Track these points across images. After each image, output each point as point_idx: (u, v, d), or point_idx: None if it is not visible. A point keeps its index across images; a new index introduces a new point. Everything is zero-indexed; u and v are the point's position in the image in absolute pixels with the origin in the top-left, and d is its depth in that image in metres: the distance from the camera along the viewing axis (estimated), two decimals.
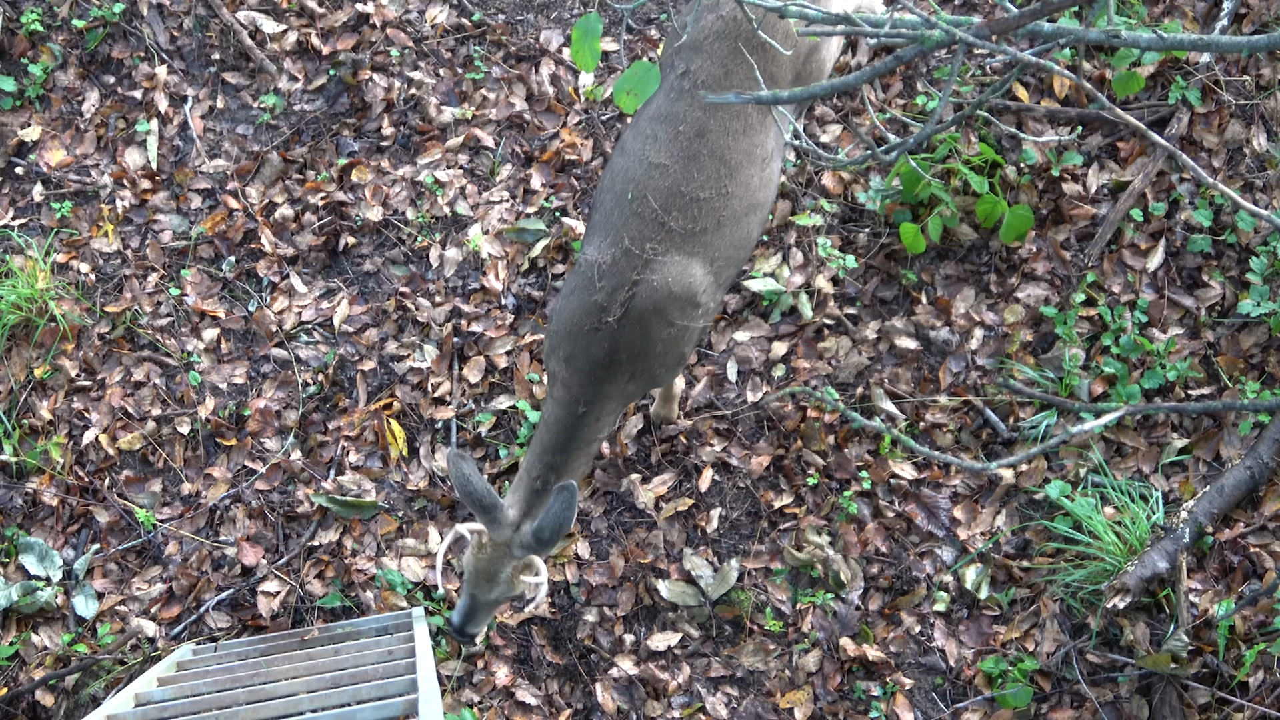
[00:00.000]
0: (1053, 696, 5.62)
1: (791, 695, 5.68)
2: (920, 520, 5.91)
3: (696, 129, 4.71)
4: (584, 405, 4.77)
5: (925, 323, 6.20)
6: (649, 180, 4.71)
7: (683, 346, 4.91)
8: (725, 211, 4.73)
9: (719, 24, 4.82)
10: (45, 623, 6.03)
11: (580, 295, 4.73)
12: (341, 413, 6.33)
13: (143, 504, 6.21)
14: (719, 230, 4.74)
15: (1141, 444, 5.87)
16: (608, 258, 4.69)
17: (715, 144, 4.71)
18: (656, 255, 4.65)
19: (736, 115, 4.75)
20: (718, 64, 4.77)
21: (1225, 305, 6.04)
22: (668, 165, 4.70)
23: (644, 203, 4.68)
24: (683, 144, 4.71)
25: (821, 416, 6.05)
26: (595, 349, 4.70)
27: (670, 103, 4.80)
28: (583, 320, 4.71)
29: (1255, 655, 5.32)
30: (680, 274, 4.67)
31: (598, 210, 4.89)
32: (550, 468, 4.81)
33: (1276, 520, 5.65)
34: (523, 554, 4.73)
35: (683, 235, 4.67)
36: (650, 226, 4.66)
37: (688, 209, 4.67)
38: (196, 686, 4.87)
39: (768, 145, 4.85)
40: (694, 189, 4.67)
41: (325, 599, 5.94)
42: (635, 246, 4.65)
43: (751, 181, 4.80)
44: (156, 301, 6.56)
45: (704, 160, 4.69)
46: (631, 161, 4.80)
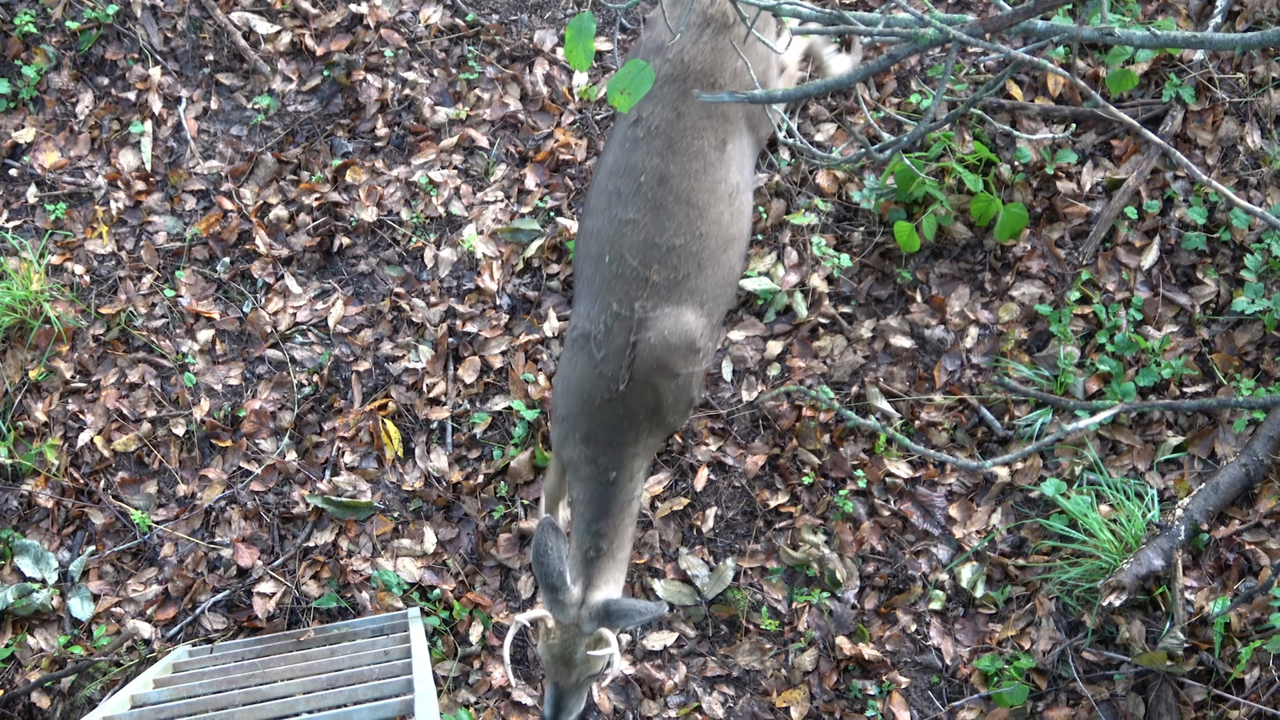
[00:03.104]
0: (1049, 694, 5.63)
1: (788, 694, 5.68)
2: (916, 519, 5.91)
3: (657, 177, 4.67)
4: (614, 470, 4.73)
5: (920, 321, 6.20)
6: (622, 238, 4.68)
7: (692, 391, 4.89)
8: (703, 253, 4.71)
9: (667, 68, 4.79)
10: (41, 625, 6.03)
11: (584, 371, 4.70)
12: (337, 413, 6.33)
13: (138, 506, 6.21)
14: (701, 273, 4.71)
15: (1137, 442, 5.88)
16: (600, 326, 4.66)
17: (679, 188, 4.68)
18: (648, 312, 4.62)
19: (694, 156, 4.71)
20: (669, 108, 4.74)
21: (1220, 303, 6.05)
22: (637, 219, 4.66)
23: (622, 262, 4.65)
24: (647, 194, 4.67)
25: (817, 415, 6.05)
26: (612, 417, 4.68)
27: (627, 154, 4.77)
28: (593, 395, 4.68)
29: (1251, 652, 5.33)
30: (675, 325, 4.65)
31: (579, 278, 4.87)
32: (599, 535, 4.74)
33: (1272, 517, 5.65)
34: (593, 628, 4.59)
35: (667, 286, 4.64)
36: (634, 285, 4.63)
37: (666, 259, 4.64)
38: (193, 688, 4.87)
39: (731, 179, 4.81)
40: (668, 238, 4.64)
41: (321, 600, 5.93)
42: (624, 308, 4.62)
43: (723, 218, 4.76)
44: (151, 303, 6.56)
45: (671, 207, 4.66)
46: (600, 221, 4.77)
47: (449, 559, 6.01)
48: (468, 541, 6.04)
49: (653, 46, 4.89)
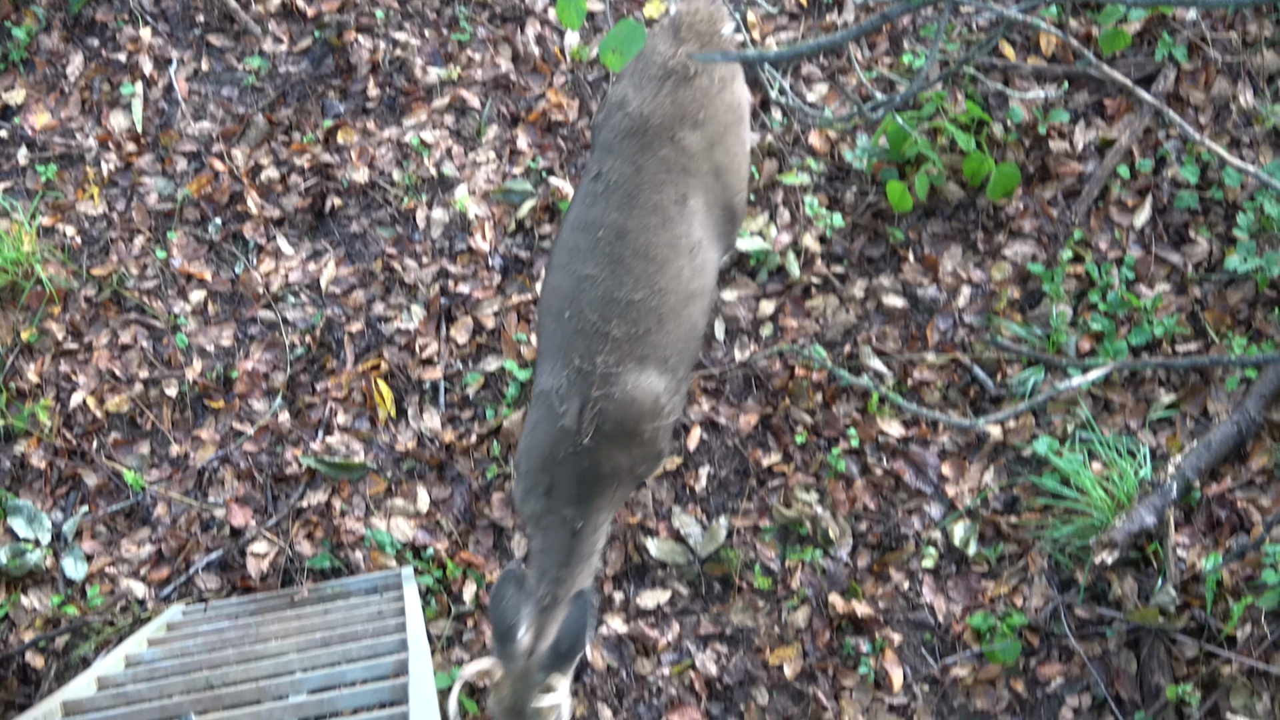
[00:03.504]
0: (1041, 651, 5.64)
1: (781, 651, 5.69)
2: (908, 477, 5.92)
3: (616, 232, 4.65)
4: (580, 522, 4.65)
5: (912, 280, 6.20)
6: (581, 293, 4.64)
7: (659, 444, 4.84)
8: (663, 308, 4.66)
9: (627, 122, 4.76)
10: (34, 585, 6.03)
11: (547, 426, 4.65)
12: (329, 374, 6.33)
13: (131, 466, 6.21)
14: (662, 328, 4.67)
15: (1129, 400, 5.88)
16: (563, 381, 4.62)
17: (637, 243, 4.64)
18: (610, 368, 4.57)
19: (653, 211, 4.68)
20: (628, 162, 4.71)
21: (1212, 261, 6.06)
22: (596, 274, 4.63)
23: (582, 318, 4.61)
24: (605, 250, 4.64)
25: (809, 375, 6.06)
26: (576, 471, 4.60)
27: (586, 209, 4.74)
28: (556, 449, 4.61)
29: (1243, 609, 5.34)
30: (637, 383, 4.61)
31: (542, 335, 4.83)
32: (557, 583, 4.62)
33: (1264, 475, 5.66)
34: (543, 676, 4.42)
35: (628, 341, 4.60)
36: (595, 340, 4.59)
37: (626, 314, 4.60)
38: (187, 647, 4.88)
39: (693, 235, 4.78)
40: (626, 293, 4.61)
41: (314, 559, 5.94)
42: (586, 363, 4.58)
43: (682, 273, 4.72)
44: (143, 264, 6.55)
45: (629, 262, 4.63)
46: (561, 277, 4.74)
47: (442, 518, 6.01)
48: (461, 501, 6.05)
49: (614, 101, 4.87)
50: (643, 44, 2.92)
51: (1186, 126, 3.37)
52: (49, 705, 3.84)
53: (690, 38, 4.88)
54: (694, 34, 4.89)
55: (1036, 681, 5.61)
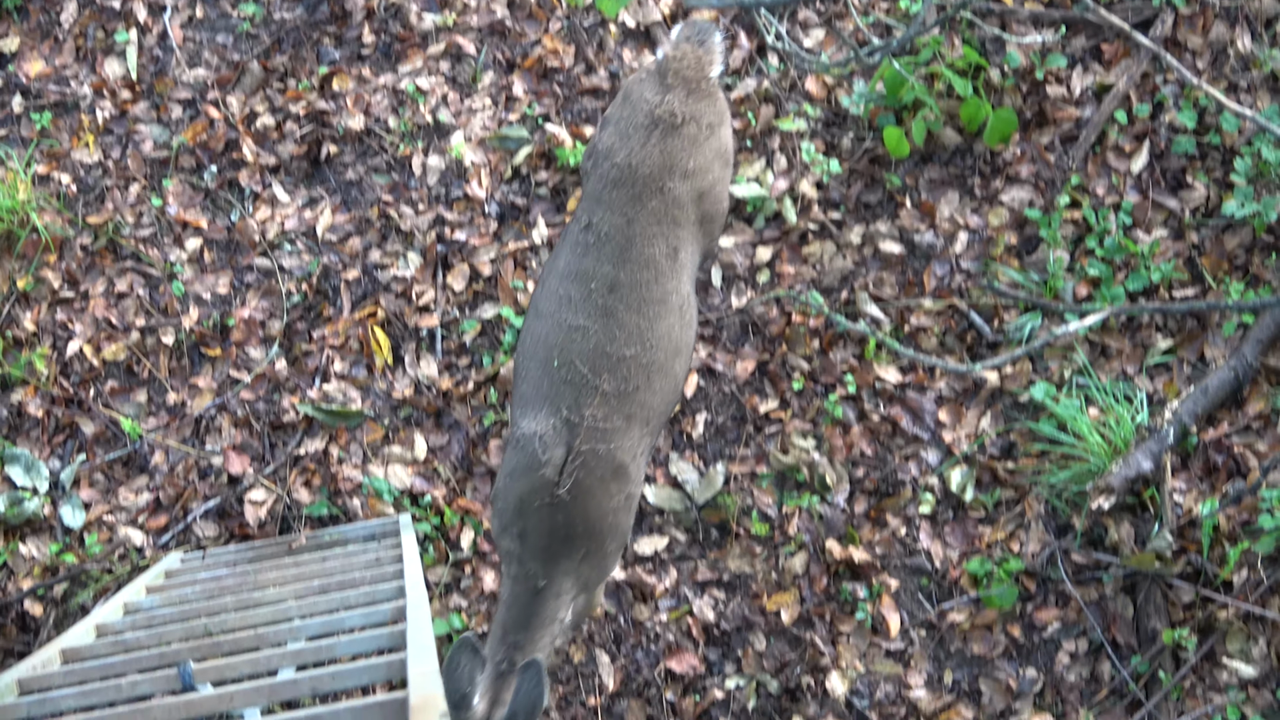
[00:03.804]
0: (1038, 596, 5.65)
1: (778, 597, 5.70)
2: (905, 423, 5.92)
3: (608, 284, 4.59)
4: (543, 579, 4.52)
5: (909, 226, 6.20)
6: (572, 344, 4.57)
7: (627, 518, 4.73)
8: (652, 365, 4.62)
9: (615, 172, 4.69)
10: (33, 533, 6.03)
11: (527, 473, 4.52)
12: (326, 322, 6.32)
13: (128, 414, 6.20)
14: (649, 385, 4.62)
15: (1126, 345, 5.89)
16: (548, 429, 4.52)
17: (629, 297, 4.59)
18: (598, 423, 4.51)
19: (646, 265, 4.63)
20: (619, 214, 4.65)
21: (1209, 206, 6.05)
22: (587, 326, 4.56)
23: (572, 369, 4.54)
24: (597, 301, 4.58)
25: (806, 321, 6.05)
26: (549, 523, 4.49)
27: (578, 259, 4.67)
28: (532, 497, 4.49)
29: (1239, 553, 5.35)
30: (622, 440, 4.55)
31: (525, 379, 4.72)
32: (515, 647, 4.47)
33: (1260, 420, 5.67)
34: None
35: (618, 396, 4.54)
36: (585, 392, 4.52)
37: (616, 369, 4.54)
38: (185, 595, 4.89)
39: (682, 290, 4.73)
40: (618, 348, 4.55)
41: (312, 507, 5.94)
42: (574, 415, 4.51)
43: (673, 330, 4.68)
44: (138, 212, 6.54)
45: (622, 315, 4.57)
46: (549, 326, 4.66)
47: (439, 465, 6.02)
48: (458, 448, 6.05)
49: (602, 150, 4.81)
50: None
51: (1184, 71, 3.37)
52: (48, 653, 3.85)
53: (677, 84, 4.81)
54: (680, 80, 4.82)
55: (1033, 626, 5.63)
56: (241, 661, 3.66)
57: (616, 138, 4.76)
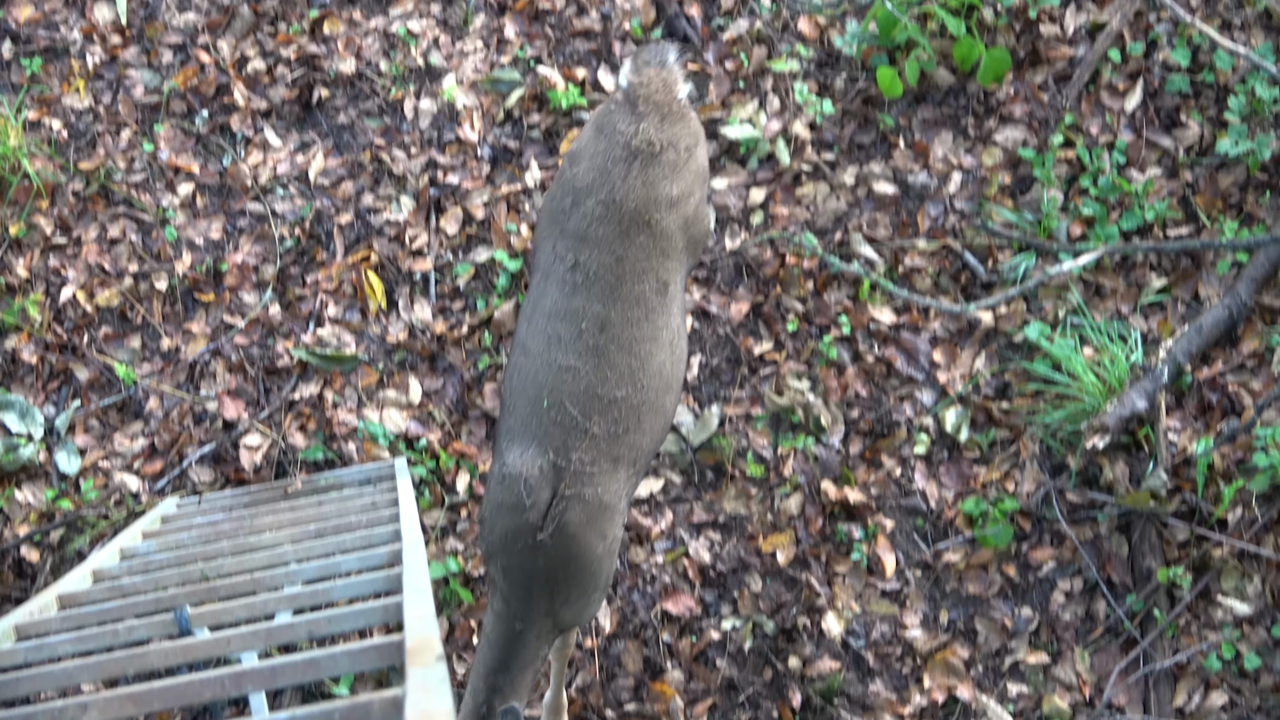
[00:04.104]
0: (1033, 536, 5.67)
1: (774, 538, 5.72)
2: (900, 364, 5.92)
3: (599, 324, 4.48)
4: (521, 622, 4.49)
5: (903, 167, 6.19)
6: (562, 385, 4.48)
7: (611, 562, 4.67)
8: (643, 406, 4.54)
9: (600, 209, 4.58)
10: (28, 479, 6.04)
11: (511, 513, 4.43)
12: (319, 266, 6.31)
13: (122, 360, 6.20)
14: (639, 426, 4.55)
15: (1120, 284, 5.88)
16: (535, 471, 4.42)
17: (621, 336, 4.50)
18: (585, 466, 4.42)
19: (636, 302, 4.53)
20: (607, 251, 4.53)
21: (1203, 145, 6.04)
22: (578, 367, 4.47)
23: (562, 410, 4.45)
24: (588, 342, 4.48)
25: (800, 262, 6.05)
26: (531, 564, 4.44)
27: (566, 298, 4.56)
28: (515, 538, 4.43)
29: (1234, 492, 5.36)
30: (608, 483, 4.47)
31: (512, 414, 4.63)
32: (494, 690, 4.48)
33: (1254, 358, 5.68)
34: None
35: (608, 439, 4.46)
36: (574, 435, 4.44)
37: (607, 411, 4.46)
38: (181, 540, 4.88)
39: (673, 324, 4.66)
40: (609, 389, 4.47)
41: (307, 451, 5.95)
42: (561, 459, 4.42)
43: (664, 368, 4.61)
44: (130, 158, 6.52)
45: (613, 355, 4.49)
46: (539, 364, 4.56)
47: (434, 409, 6.02)
48: (453, 392, 6.05)
49: (581, 186, 4.67)
50: None
51: (1178, 8, 3.36)
52: (45, 598, 3.85)
53: (649, 111, 4.70)
54: (652, 106, 4.71)
55: (1028, 566, 5.64)
56: (238, 606, 3.66)
57: (595, 173, 4.66)
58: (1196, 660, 5.37)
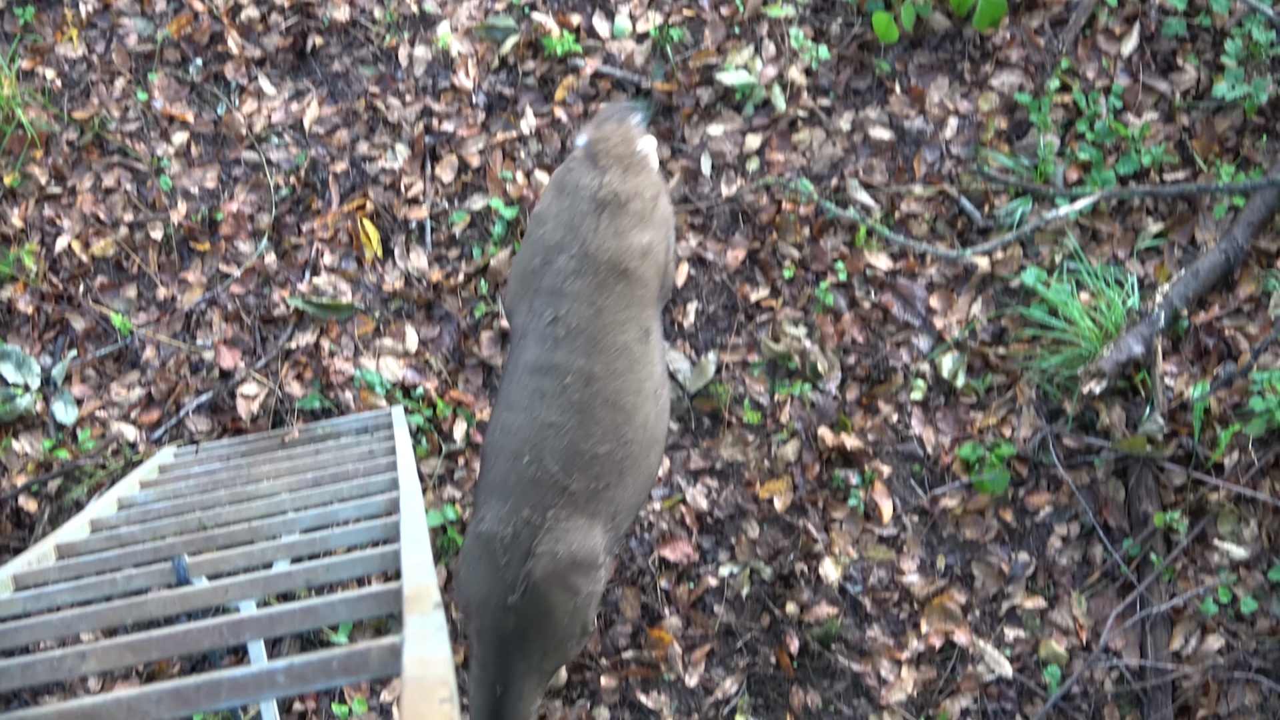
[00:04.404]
0: (1029, 481, 5.67)
1: (771, 485, 5.72)
2: (896, 310, 5.92)
3: (583, 378, 4.44)
4: (500, 685, 4.45)
5: (899, 113, 6.17)
6: (544, 441, 4.42)
7: (588, 614, 4.60)
8: (626, 460, 4.49)
9: (573, 264, 4.56)
10: (25, 429, 6.04)
11: (485, 573, 4.41)
12: (315, 215, 6.30)
13: (118, 310, 6.19)
14: (621, 482, 4.49)
15: (1116, 229, 5.88)
16: (509, 531, 4.37)
17: (605, 390, 4.45)
18: (559, 522, 4.36)
19: (619, 353, 4.50)
20: (585, 304, 4.50)
21: (1200, 89, 6.02)
22: (561, 423, 4.41)
23: (542, 466, 4.40)
24: (572, 397, 4.43)
25: (796, 209, 6.04)
26: (503, 626, 4.39)
27: (548, 353, 4.51)
28: (489, 598, 4.39)
29: (1230, 436, 5.37)
30: (583, 540, 4.40)
31: (491, 469, 4.58)
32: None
33: (1251, 302, 5.67)
34: None
35: (586, 496, 4.40)
36: (551, 492, 4.38)
37: (589, 468, 4.40)
38: (179, 489, 4.89)
39: (656, 373, 4.62)
40: (593, 445, 4.41)
41: (304, 400, 5.95)
42: (536, 516, 4.36)
43: (649, 420, 4.56)
44: (124, 107, 6.51)
45: (598, 411, 4.44)
46: (521, 419, 4.51)
47: (431, 357, 6.02)
48: (449, 340, 6.05)
49: (551, 244, 4.66)
50: None
51: None
52: (43, 548, 3.86)
53: (610, 164, 4.70)
54: (613, 159, 4.72)
55: (1025, 511, 5.65)
56: (236, 555, 3.66)
57: (563, 230, 4.64)
58: (1193, 604, 5.38)
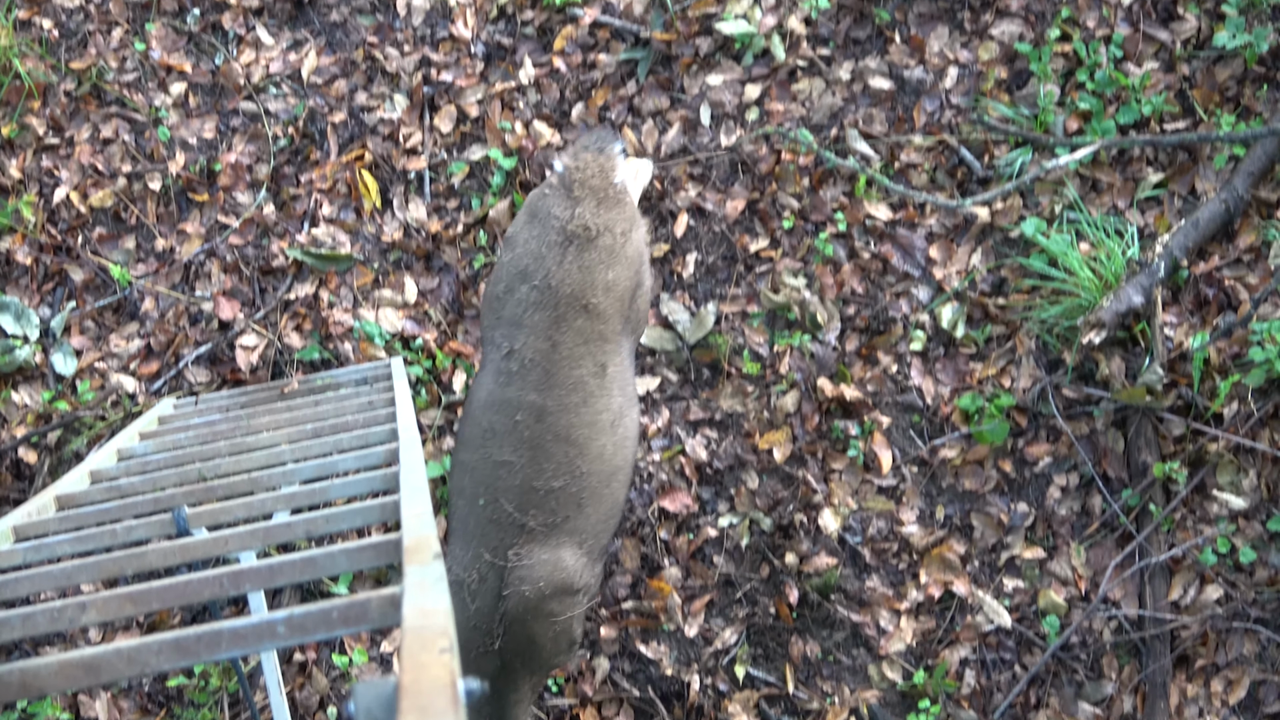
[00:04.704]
0: (1029, 431, 5.68)
1: (770, 436, 5.73)
2: (896, 260, 5.91)
3: (535, 414, 4.39)
4: (491, 706, 4.49)
5: (899, 62, 6.15)
6: (498, 481, 4.39)
7: (573, 632, 4.59)
8: (584, 493, 4.43)
9: (534, 294, 4.49)
10: (25, 381, 6.04)
11: (460, 624, 4.34)
12: (313, 165, 6.29)
13: (117, 261, 6.19)
14: (581, 512, 4.43)
15: (1116, 179, 5.87)
16: (474, 575, 4.38)
17: (557, 425, 4.39)
18: (521, 560, 4.34)
19: (573, 388, 4.43)
20: (542, 337, 4.44)
21: (1201, 38, 6.00)
22: (513, 461, 4.37)
23: (497, 506, 4.37)
24: (523, 434, 4.39)
25: (796, 159, 6.03)
26: (488, 669, 4.41)
27: (501, 388, 4.48)
28: (468, 646, 4.40)
29: (1229, 386, 5.37)
30: (551, 570, 4.37)
31: (454, 512, 4.57)
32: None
33: (1251, 253, 5.67)
34: None
35: (545, 532, 4.37)
36: (509, 532, 4.36)
37: (544, 504, 4.36)
38: (178, 440, 4.89)
39: (613, 406, 4.53)
40: (546, 481, 4.36)
41: (303, 351, 5.95)
42: (498, 558, 4.36)
43: (605, 451, 4.49)
44: (122, 57, 6.48)
45: (550, 446, 4.38)
46: (475, 457, 4.48)
47: (430, 309, 6.01)
48: (448, 291, 6.05)
49: (515, 272, 4.59)
50: None
51: None
52: (43, 499, 3.86)
53: (585, 195, 4.61)
54: (588, 190, 4.62)
55: (1024, 461, 5.66)
56: (236, 506, 3.67)
57: (530, 258, 4.58)
58: (1192, 554, 5.39)
